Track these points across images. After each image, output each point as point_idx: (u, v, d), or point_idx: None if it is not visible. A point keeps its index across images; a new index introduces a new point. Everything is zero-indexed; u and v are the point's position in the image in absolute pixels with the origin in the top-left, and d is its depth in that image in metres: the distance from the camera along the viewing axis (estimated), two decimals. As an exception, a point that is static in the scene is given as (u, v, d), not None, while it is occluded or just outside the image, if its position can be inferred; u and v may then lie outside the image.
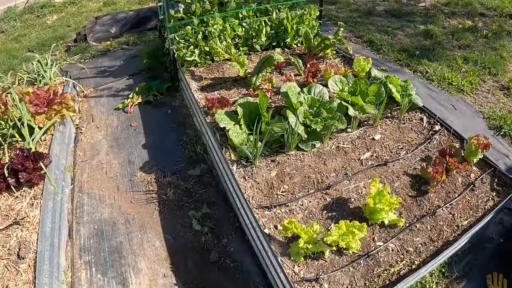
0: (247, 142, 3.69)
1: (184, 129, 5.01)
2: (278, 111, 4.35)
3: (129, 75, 6.31)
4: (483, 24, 8.48)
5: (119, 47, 7.35)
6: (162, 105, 5.54)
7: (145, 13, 8.23)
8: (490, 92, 5.91)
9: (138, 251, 3.51)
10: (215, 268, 3.39)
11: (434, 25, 8.20)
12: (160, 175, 4.27)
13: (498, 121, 5.16)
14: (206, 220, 3.79)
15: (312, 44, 5.27)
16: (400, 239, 3.13)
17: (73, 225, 3.74)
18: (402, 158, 3.88)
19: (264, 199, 3.40)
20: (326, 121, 3.88)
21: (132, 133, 4.95)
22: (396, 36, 7.76)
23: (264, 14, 5.85)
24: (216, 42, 4.94)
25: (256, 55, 5.72)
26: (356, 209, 3.34)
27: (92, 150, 4.69)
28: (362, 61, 5.02)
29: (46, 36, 8.12)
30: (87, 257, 3.46)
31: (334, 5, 9.69)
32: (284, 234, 2.94)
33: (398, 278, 2.86)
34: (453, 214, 3.34)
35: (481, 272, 3.33)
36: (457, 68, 6.48)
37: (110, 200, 4.02)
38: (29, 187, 3.56)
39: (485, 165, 3.80)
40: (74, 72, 6.35)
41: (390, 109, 4.51)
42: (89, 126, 5.10)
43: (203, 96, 4.61)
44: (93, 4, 10.17)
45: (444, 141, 4.08)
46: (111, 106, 5.51)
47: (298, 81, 4.99)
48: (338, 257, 2.97)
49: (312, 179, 3.61)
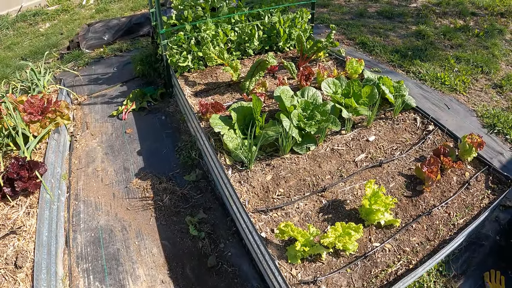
0: (242, 146, 3.69)
1: (179, 134, 5.01)
2: (272, 115, 4.36)
3: (123, 81, 6.31)
4: (475, 23, 8.54)
5: (112, 54, 7.34)
6: (156, 111, 5.53)
7: (137, 19, 8.21)
8: (483, 91, 5.95)
9: (135, 258, 3.50)
10: (213, 273, 3.39)
11: (426, 26, 8.26)
12: (156, 181, 4.27)
13: (491, 119, 5.19)
14: (203, 225, 3.79)
15: (304, 47, 5.29)
16: (397, 239, 3.14)
17: (70, 233, 3.73)
18: (397, 158, 3.89)
19: (260, 203, 3.40)
20: (320, 124, 3.89)
21: (127, 140, 4.95)
22: (388, 37, 7.80)
23: (256, 18, 5.87)
24: (209, 48, 4.94)
25: (249, 60, 5.73)
26: (352, 211, 3.35)
27: (87, 157, 4.68)
28: (355, 63, 5.03)
29: (39, 44, 8.11)
30: (85, 265, 3.45)
31: (326, 8, 9.73)
32: (281, 237, 2.94)
33: (396, 278, 2.86)
34: (449, 213, 3.35)
35: (478, 269, 3.36)
36: (450, 67, 6.52)
37: (107, 207, 4.01)
38: (25, 196, 3.55)
39: (479, 164, 3.83)
40: (68, 79, 6.35)
41: (384, 110, 4.53)
42: (84, 134, 5.09)
43: (197, 102, 4.62)
44: (86, 11, 10.16)
45: (438, 141, 4.10)
46: (105, 113, 5.51)
47: (291, 84, 5.00)
48: (335, 259, 2.97)
49: (308, 182, 3.61)
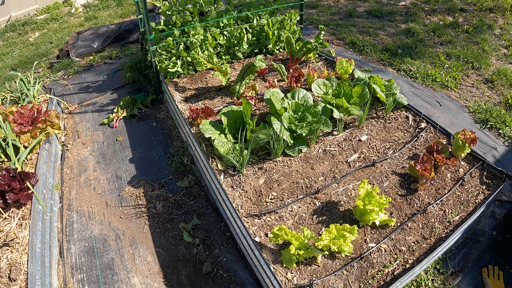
0: (233, 151, 3.67)
1: (171, 141, 4.97)
2: (263, 118, 4.34)
3: (113, 89, 6.26)
4: (464, 19, 8.58)
5: (102, 61, 7.30)
6: (147, 118, 5.50)
7: (127, 26, 8.16)
8: (474, 86, 5.96)
9: (130, 266, 3.46)
10: (208, 279, 3.35)
11: (415, 23, 8.28)
12: (149, 189, 4.23)
13: (483, 115, 5.19)
14: (197, 231, 3.76)
15: (294, 49, 5.27)
16: (393, 239, 3.12)
17: (64, 244, 3.69)
18: (390, 157, 3.88)
19: (253, 207, 3.37)
20: (311, 125, 3.88)
21: (118, 147, 4.91)
22: (378, 36, 7.81)
23: (245, 21, 5.86)
24: (198, 52, 4.92)
25: (239, 63, 5.71)
26: (346, 212, 3.33)
27: (79, 166, 4.63)
28: (345, 63, 5.02)
29: (29, 54, 8.04)
30: (80, 275, 3.40)
31: (315, 9, 9.73)
32: (275, 241, 2.91)
33: (393, 278, 2.85)
34: (444, 210, 3.34)
35: (476, 266, 3.34)
36: (440, 64, 6.53)
37: (100, 216, 3.97)
38: (17, 207, 3.51)
39: (473, 159, 3.83)
40: (58, 89, 6.30)
41: (375, 109, 4.52)
42: (75, 143, 5.04)
43: (187, 107, 4.59)
44: (75, 19, 10.10)
45: (431, 138, 4.10)
46: (96, 122, 5.46)
47: (282, 86, 4.99)
48: (331, 261, 2.95)
49: (301, 185, 3.59)
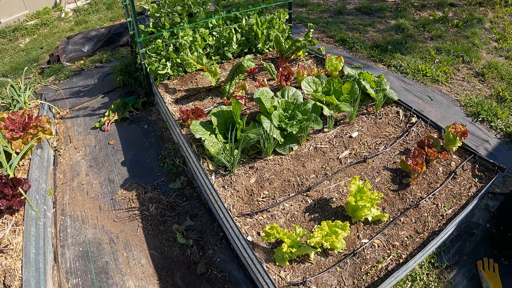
0: (224, 151, 3.67)
1: (162, 143, 4.96)
2: (253, 117, 4.34)
3: (104, 93, 6.24)
4: (453, 14, 8.61)
5: (92, 65, 7.27)
6: (139, 120, 5.48)
7: (116, 29, 8.14)
8: (465, 80, 5.98)
9: (124, 269, 3.45)
10: (203, 280, 3.35)
11: (405, 19, 8.31)
12: (141, 191, 4.22)
13: (475, 108, 5.21)
14: (190, 232, 3.75)
15: (283, 48, 5.28)
16: (385, 234, 3.13)
17: (58, 249, 3.67)
18: (381, 153, 3.89)
19: (245, 206, 3.37)
20: (301, 123, 3.88)
21: (110, 151, 4.89)
22: (368, 33, 7.83)
23: (234, 21, 5.85)
24: (187, 54, 4.91)
25: (228, 63, 5.71)
26: (338, 209, 3.33)
27: (72, 171, 4.62)
28: (334, 60, 5.02)
29: (20, 60, 8.01)
30: (75, 280, 3.39)
31: (305, 7, 9.75)
32: (267, 240, 2.91)
33: (387, 273, 2.85)
34: (436, 204, 3.35)
35: (471, 259, 3.35)
36: (431, 59, 6.55)
37: (93, 220, 3.96)
38: (10, 214, 3.50)
39: (465, 153, 3.84)
40: (49, 94, 6.28)
41: (366, 105, 4.52)
42: (67, 148, 5.02)
43: (177, 109, 4.58)
44: (65, 24, 10.08)
45: (422, 133, 4.11)
46: (88, 126, 5.44)
47: (272, 85, 4.99)
48: (324, 258, 2.95)
49: (292, 182, 3.59)
